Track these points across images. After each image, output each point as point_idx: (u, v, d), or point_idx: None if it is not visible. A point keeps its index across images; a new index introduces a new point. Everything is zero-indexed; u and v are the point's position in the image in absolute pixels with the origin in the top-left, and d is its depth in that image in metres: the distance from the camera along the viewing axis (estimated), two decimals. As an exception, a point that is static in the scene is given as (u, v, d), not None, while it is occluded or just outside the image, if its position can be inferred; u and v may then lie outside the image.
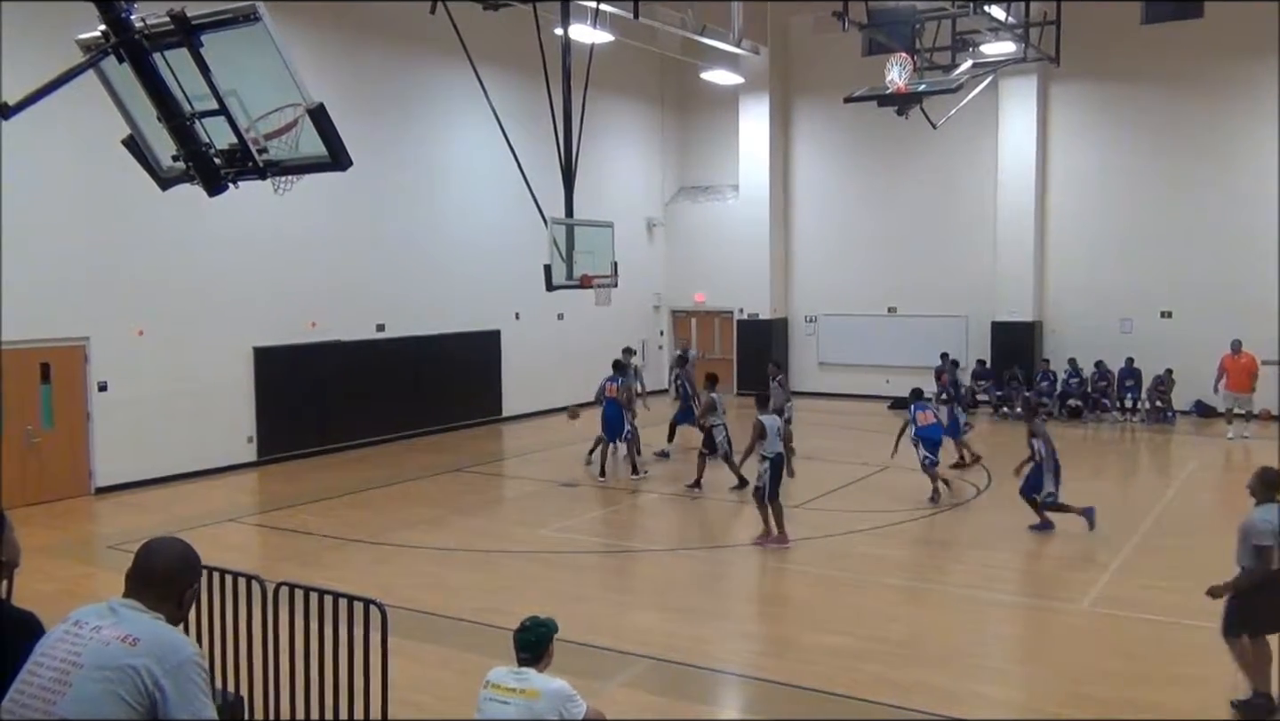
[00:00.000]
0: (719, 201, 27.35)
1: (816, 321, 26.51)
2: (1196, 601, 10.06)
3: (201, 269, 16.31)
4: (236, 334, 16.94)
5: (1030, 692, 8.15)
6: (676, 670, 8.44)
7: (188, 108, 4.86)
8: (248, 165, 4.95)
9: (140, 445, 15.48)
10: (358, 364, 18.90)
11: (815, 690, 7.90)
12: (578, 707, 5.09)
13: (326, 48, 17.92)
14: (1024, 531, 12.72)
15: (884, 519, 13.44)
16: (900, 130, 20.05)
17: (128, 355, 15.35)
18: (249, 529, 13.54)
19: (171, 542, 3.34)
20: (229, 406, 16.86)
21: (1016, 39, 19.51)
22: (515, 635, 5.31)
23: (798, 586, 11.07)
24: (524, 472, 17.35)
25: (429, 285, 20.40)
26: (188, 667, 3.01)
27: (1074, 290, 23.48)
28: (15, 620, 3.66)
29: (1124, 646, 8.97)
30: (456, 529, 13.35)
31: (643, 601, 10.45)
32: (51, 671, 3.00)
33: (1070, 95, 23.34)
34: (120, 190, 13.85)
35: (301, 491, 15.38)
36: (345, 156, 4.99)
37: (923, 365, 23.68)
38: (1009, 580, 10.98)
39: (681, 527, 13.80)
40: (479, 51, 14.13)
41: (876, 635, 9.18)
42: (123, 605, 3.12)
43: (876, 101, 16.73)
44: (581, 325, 23.07)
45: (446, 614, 9.66)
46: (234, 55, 4.80)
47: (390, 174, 19.36)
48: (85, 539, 12.97)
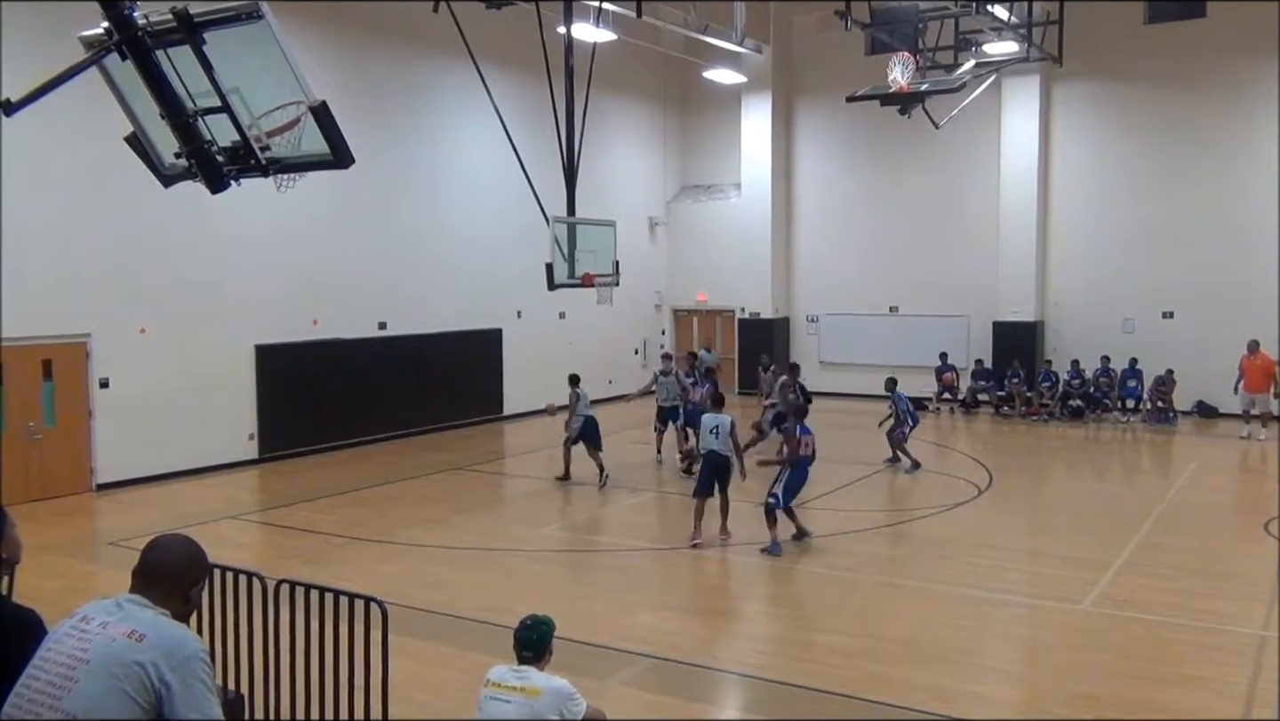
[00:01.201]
0: (721, 200, 27.36)
1: (818, 320, 26.51)
2: (1198, 601, 10.11)
3: (204, 266, 16.32)
4: (238, 331, 16.95)
5: (1030, 692, 8.15)
6: (677, 669, 8.44)
7: (190, 105, 4.85)
8: (250, 163, 4.95)
9: (142, 442, 15.50)
10: (359, 362, 18.91)
11: (815, 689, 7.90)
12: (578, 706, 5.10)
13: (329, 46, 17.93)
14: (1025, 531, 12.71)
15: (884, 518, 13.44)
16: (902, 129, 20.07)
17: (130, 352, 15.37)
18: (250, 526, 13.55)
19: (178, 539, 3.35)
20: (230, 404, 16.87)
21: (1019, 38, 19.51)
22: (516, 633, 5.32)
23: (798, 586, 11.07)
24: (525, 471, 17.36)
25: (431, 283, 20.42)
26: (193, 664, 3.01)
27: (1076, 290, 23.47)
28: (16, 618, 3.66)
29: (1124, 646, 8.96)
30: (457, 527, 13.36)
31: (643, 600, 10.45)
32: (58, 667, 3.00)
33: (1073, 95, 23.33)
34: (123, 188, 13.84)
35: (302, 489, 15.40)
36: (347, 154, 4.99)
37: (924, 364, 23.73)
38: (1009, 580, 10.97)
39: (682, 527, 13.78)
40: (481, 50, 14.15)
41: (877, 634, 9.18)
42: (130, 601, 3.12)
43: (879, 101, 16.75)
44: (583, 324, 23.08)
45: (447, 612, 9.67)
46: (237, 53, 4.79)
47: (392, 172, 19.37)
48: (86, 536, 12.98)
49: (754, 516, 12.36)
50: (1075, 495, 14.34)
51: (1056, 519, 13.56)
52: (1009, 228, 23.61)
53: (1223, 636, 9.18)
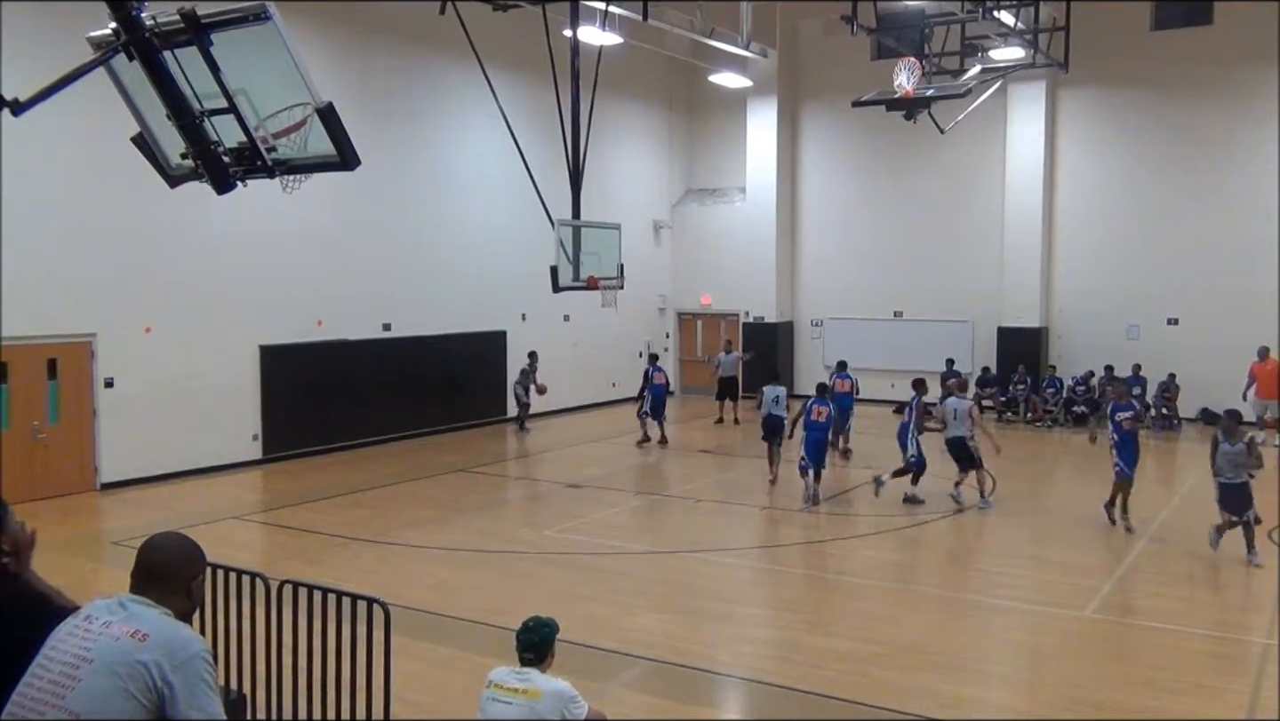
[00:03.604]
0: (726, 204, 27.36)
1: (823, 325, 26.50)
2: (1200, 609, 10.09)
3: (209, 267, 16.34)
4: (243, 332, 16.97)
5: (1032, 699, 8.14)
6: (679, 672, 8.44)
7: (197, 106, 4.86)
8: (256, 164, 4.95)
9: (146, 442, 15.52)
10: (364, 363, 18.93)
11: (817, 694, 7.90)
12: (579, 708, 5.10)
13: (336, 48, 17.96)
14: (1027, 538, 12.69)
15: (888, 523, 13.43)
16: (908, 135, 20.07)
17: (135, 352, 15.39)
18: (253, 526, 13.57)
19: (173, 537, 3.36)
20: (235, 404, 16.90)
21: (1025, 44, 19.49)
22: (518, 635, 5.32)
23: (801, 590, 11.07)
24: (529, 473, 17.37)
25: (436, 285, 20.43)
26: (196, 663, 3.02)
27: (1081, 296, 23.45)
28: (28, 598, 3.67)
29: (1126, 653, 8.96)
30: (460, 529, 13.36)
31: (646, 603, 10.45)
32: (61, 665, 3.02)
33: (1079, 101, 23.32)
34: (129, 188, 13.89)
35: (306, 489, 15.41)
36: (353, 156, 4.99)
37: (929, 370, 23.66)
38: (1012, 586, 10.95)
39: (685, 530, 13.80)
40: (488, 53, 14.16)
41: (879, 639, 9.18)
42: (132, 600, 3.14)
43: (885, 106, 16.75)
44: (587, 327, 23.09)
45: (449, 613, 9.67)
46: (244, 54, 4.80)
47: (398, 174, 19.39)
48: (90, 535, 13.00)
49: (758, 520, 12.31)
50: (1079, 501, 14.28)
51: (1060, 525, 13.52)
52: (1014, 233, 23.60)
53: (1225, 644, 9.17)
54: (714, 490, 15.95)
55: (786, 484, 15.22)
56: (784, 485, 15.26)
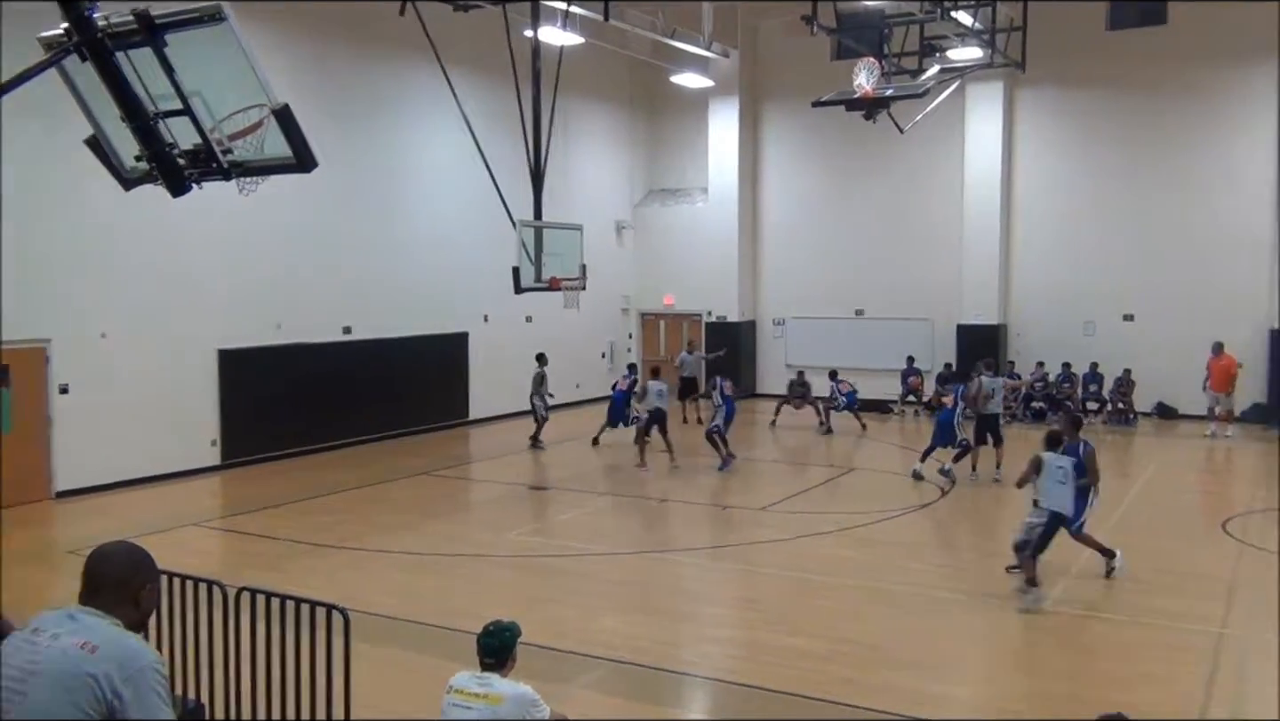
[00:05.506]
0: (688, 204, 27.40)
1: (784, 324, 26.61)
2: (1159, 600, 10.24)
3: (165, 271, 16.12)
4: (200, 336, 16.75)
5: (995, 692, 8.23)
6: (642, 673, 8.44)
7: (151, 108, 4.80)
8: (212, 166, 4.90)
9: (102, 449, 15.27)
10: (324, 366, 18.75)
11: (782, 692, 7.93)
12: (541, 712, 5.08)
13: (293, 48, 17.76)
14: (989, 533, 12.81)
15: (849, 520, 13.51)
16: (868, 134, 20.18)
17: (90, 358, 15.14)
18: (211, 533, 13.40)
19: (120, 546, 3.31)
20: (193, 409, 16.68)
21: (983, 44, 19.69)
22: (479, 639, 5.29)
23: (764, 588, 11.10)
24: (491, 476, 17.30)
25: (396, 287, 20.28)
26: (147, 674, 2.98)
27: (1038, 293, 23.73)
28: None
29: (1087, 645, 9.07)
30: (423, 532, 13.28)
31: (608, 604, 10.45)
32: (9, 679, 2.97)
33: (1035, 101, 23.59)
34: (83, 190, 13.70)
35: (265, 495, 15.22)
36: (310, 158, 4.95)
37: (890, 367, 23.92)
38: (973, 581, 11.06)
39: (647, 531, 13.81)
40: (448, 53, 14.11)
41: (843, 637, 9.23)
42: (81, 611, 3.09)
43: (844, 106, 16.84)
44: (550, 327, 23.00)
45: (410, 618, 9.61)
46: (199, 55, 4.75)
47: (357, 175, 19.24)
48: (45, 544, 12.77)
49: (719, 521, 12.33)
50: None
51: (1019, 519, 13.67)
52: (972, 231, 23.84)
53: (1182, 635, 9.31)
54: (680, 490, 15.94)
55: (754, 478, 15.25)
56: (752, 479, 15.30)
